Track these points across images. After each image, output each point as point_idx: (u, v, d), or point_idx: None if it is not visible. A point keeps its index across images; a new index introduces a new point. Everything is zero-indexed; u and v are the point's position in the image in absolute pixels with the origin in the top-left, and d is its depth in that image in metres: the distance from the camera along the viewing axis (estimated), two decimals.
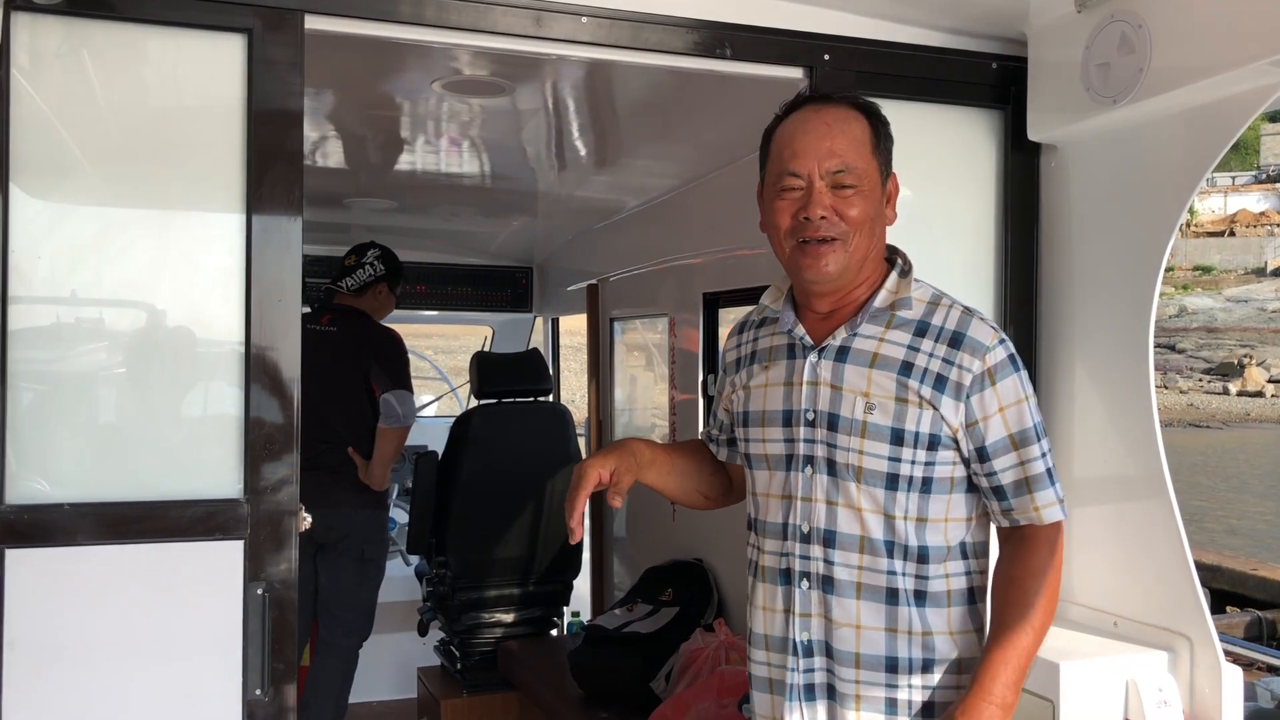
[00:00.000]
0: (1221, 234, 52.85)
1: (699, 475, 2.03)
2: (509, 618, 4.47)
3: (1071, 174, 2.48)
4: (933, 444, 1.72)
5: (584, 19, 2.19)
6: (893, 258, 1.84)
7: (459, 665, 4.41)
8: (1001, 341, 1.74)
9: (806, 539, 1.76)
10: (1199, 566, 2.24)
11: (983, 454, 1.73)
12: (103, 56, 1.98)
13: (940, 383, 1.71)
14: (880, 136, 1.79)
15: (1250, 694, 4.97)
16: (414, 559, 5.22)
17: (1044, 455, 1.74)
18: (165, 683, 1.95)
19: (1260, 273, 50.57)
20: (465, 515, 4.34)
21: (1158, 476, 2.21)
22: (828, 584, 1.75)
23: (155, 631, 1.95)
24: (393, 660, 5.02)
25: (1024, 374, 1.75)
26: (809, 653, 1.77)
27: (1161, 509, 2.21)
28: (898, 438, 1.71)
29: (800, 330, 1.82)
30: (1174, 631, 2.20)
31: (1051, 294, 2.54)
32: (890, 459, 1.71)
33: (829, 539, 1.74)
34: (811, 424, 1.76)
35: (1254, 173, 57.31)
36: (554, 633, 4.65)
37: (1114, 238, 2.36)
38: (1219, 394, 39.45)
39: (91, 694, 1.91)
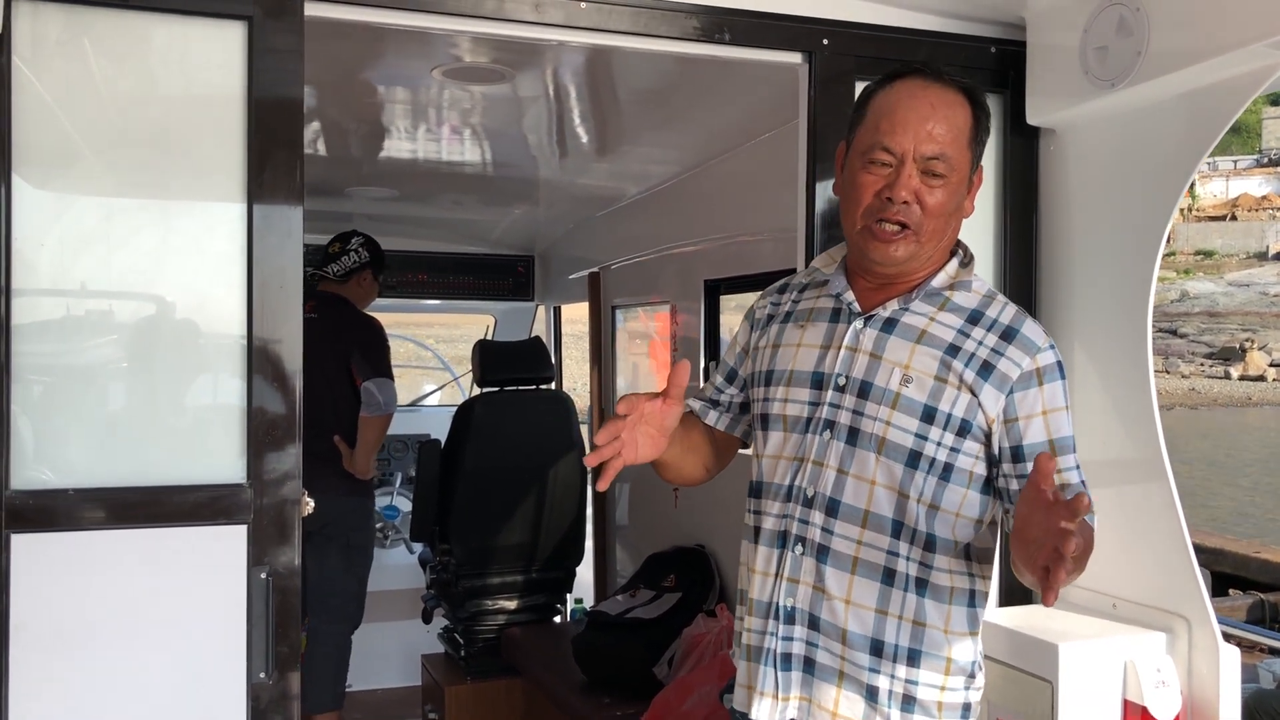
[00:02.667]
0: (1223, 218, 52.82)
1: (705, 447, 1.95)
2: (512, 605, 4.49)
3: (1070, 158, 2.49)
4: (962, 430, 1.67)
5: (583, 4, 2.19)
6: (955, 248, 1.79)
7: (463, 652, 4.43)
8: (1051, 346, 1.71)
9: (809, 503, 1.72)
10: (1201, 550, 2.25)
11: (1018, 454, 1.68)
12: (104, 45, 1.99)
13: (986, 370, 1.67)
14: (980, 129, 1.74)
15: (1252, 675, 4.98)
16: (418, 547, 5.24)
17: (1078, 467, 1.70)
18: (170, 666, 1.97)
19: (1262, 257, 50.55)
20: (468, 503, 4.36)
21: (1156, 459, 2.22)
22: (823, 553, 1.70)
23: (160, 615, 1.96)
24: (397, 648, 5.04)
25: (1067, 384, 1.71)
26: (790, 620, 1.72)
27: (1160, 491, 2.22)
28: (929, 415, 1.67)
29: (850, 296, 1.77)
30: (1172, 613, 2.21)
31: (1050, 277, 2.54)
32: (917, 435, 1.67)
33: (832, 507, 1.70)
34: (841, 389, 1.72)
35: (1256, 156, 57.24)
36: (557, 619, 4.68)
37: (1112, 221, 2.37)
38: (1221, 378, 39.45)
39: (97, 676, 1.93)
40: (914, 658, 1.69)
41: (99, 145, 2.02)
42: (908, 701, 1.69)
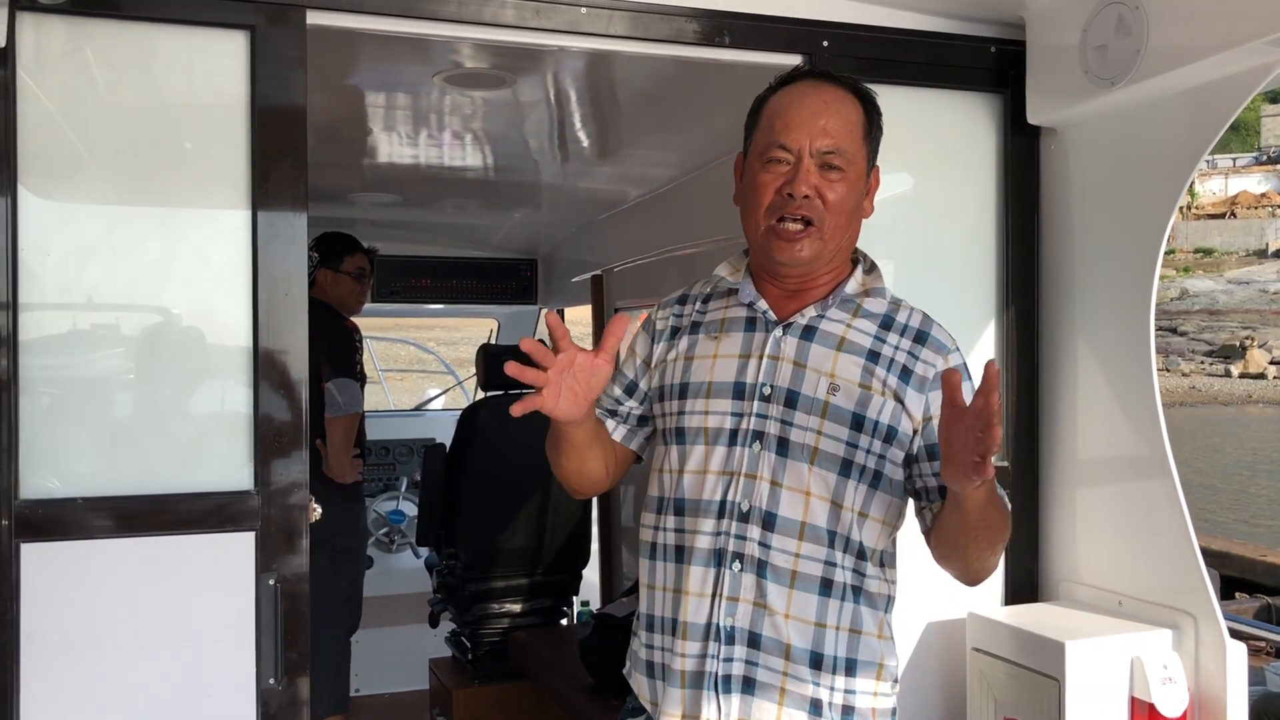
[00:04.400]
0: (1222, 216, 52.72)
1: (609, 447, 1.84)
2: (519, 608, 4.49)
3: (1071, 157, 2.49)
4: (889, 436, 1.67)
5: (584, 9, 2.20)
6: (855, 257, 1.79)
7: (470, 656, 4.43)
8: (958, 348, 1.75)
9: (745, 518, 1.66)
10: (1208, 553, 2.25)
11: (932, 452, 1.68)
12: (107, 55, 2.00)
13: (905, 374, 1.69)
14: (872, 126, 1.74)
15: (1259, 678, 4.93)
16: (424, 551, 5.25)
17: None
18: (180, 674, 1.98)
19: (1262, 254, 50.46)
20: (474, 507, 4.36)
21: (1160, 456, 2.22)
22: (762, 567, 1.65)
23: (169, 623, 1.97)
24: (404, 652, 5.05)
25: (971, 384, 1.72)
26: (730, 640, 1.66)
27: (1164, 488, 2.22)
28: (858, 423, 1.66)
29: (763, 304, 1.74)
30: (1178, 609, 2.21)
31: (1052, 276, 2.55)
32: (848, 444, 1.66)
33: (769, 521, 1.66)
34: (766, 399, 1.68)
35: (1255, 154, 57.15)
36: (563, 622, 4.68)
37: (1114, 219, 2.38)
38: (1221, 376, 39.40)
39: (107, 685, 1.94)
40: (851, 667, 1.67)
41: (103, 155, 2.03)
42: (847, 712, 1.68)
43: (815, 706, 1.66)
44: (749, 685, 1.66)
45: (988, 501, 1.54)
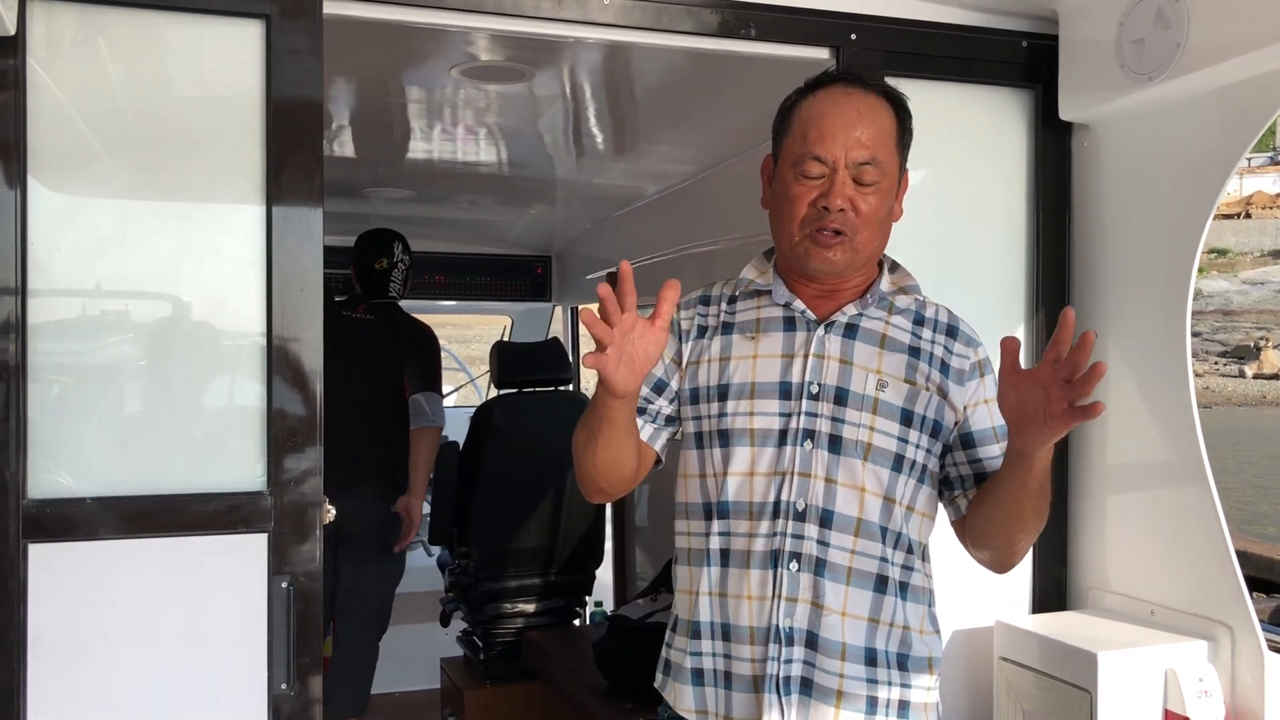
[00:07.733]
0: (1237, 216, 52.36)
1: (640, 445, 1.77)
2: (531, 608, 4.45)
3: (1104, 154, 2.43)
4: (935, 431, 1.71)
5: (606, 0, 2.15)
6: (880, 258, 1.80)
7: (482, 656, 4.39)
8: (983, 342, 1.78)
9: (801, 517, 1.66)
10: None
11: (967, 440, 1.72)
12: (119, 45, 1.95)
13: (945, 368, 1.72)
14: (904, 131, 1.73)
15: None
16: (436, 549, 5.21)
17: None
18: (190, 677, 1.94)
19: (1276, 255, 50.11)
20: (487, 505, 4.32)
21: (1196, 462, 2.16)
22: (820, 566, 1.65)
23: (179, 626, 1.93)
24: (416, 651, 5.01)
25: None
26: (790, 641, 1.65)
27: (1200, 495, 2.16)
28: (907, 419, 1.68)
29: (801, 304, 1.74)
30: (1214, 620, 2.15)
31: (1084, 276, 2.49)
32: (899, 439, 1.68)
33: (826, 518, 1.66)
34: (815, 397, 1.68)
35: (1270, 154, 56.77)
36: (576, 622, 4.64)
37: (1148, 219, 2.31)
38: (1235, 377, 39.19)
39: (116, 689, 1.90)
40: (904, 662, 1.69)
41: (115, 147, 1.98)
42: (903, 708, 1.68)
43: (872, 704, 1.66)
44: (806, 686, 1.66)
45: (1048, 466, 1.58)
